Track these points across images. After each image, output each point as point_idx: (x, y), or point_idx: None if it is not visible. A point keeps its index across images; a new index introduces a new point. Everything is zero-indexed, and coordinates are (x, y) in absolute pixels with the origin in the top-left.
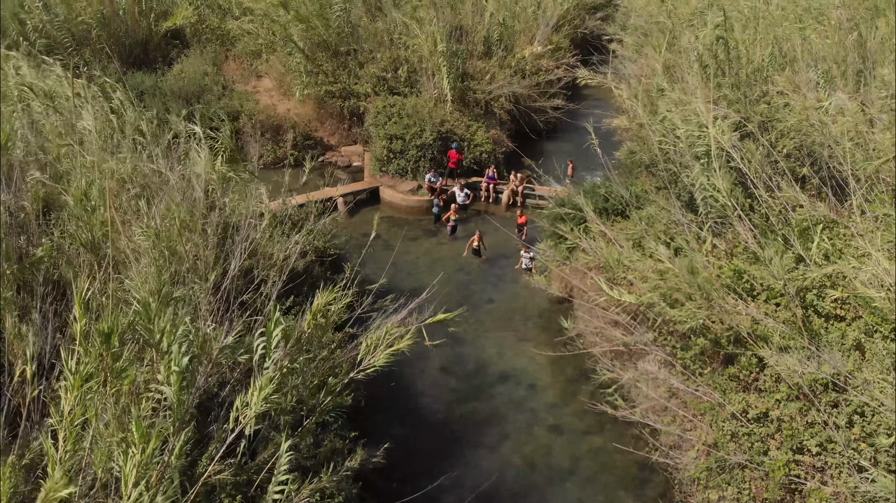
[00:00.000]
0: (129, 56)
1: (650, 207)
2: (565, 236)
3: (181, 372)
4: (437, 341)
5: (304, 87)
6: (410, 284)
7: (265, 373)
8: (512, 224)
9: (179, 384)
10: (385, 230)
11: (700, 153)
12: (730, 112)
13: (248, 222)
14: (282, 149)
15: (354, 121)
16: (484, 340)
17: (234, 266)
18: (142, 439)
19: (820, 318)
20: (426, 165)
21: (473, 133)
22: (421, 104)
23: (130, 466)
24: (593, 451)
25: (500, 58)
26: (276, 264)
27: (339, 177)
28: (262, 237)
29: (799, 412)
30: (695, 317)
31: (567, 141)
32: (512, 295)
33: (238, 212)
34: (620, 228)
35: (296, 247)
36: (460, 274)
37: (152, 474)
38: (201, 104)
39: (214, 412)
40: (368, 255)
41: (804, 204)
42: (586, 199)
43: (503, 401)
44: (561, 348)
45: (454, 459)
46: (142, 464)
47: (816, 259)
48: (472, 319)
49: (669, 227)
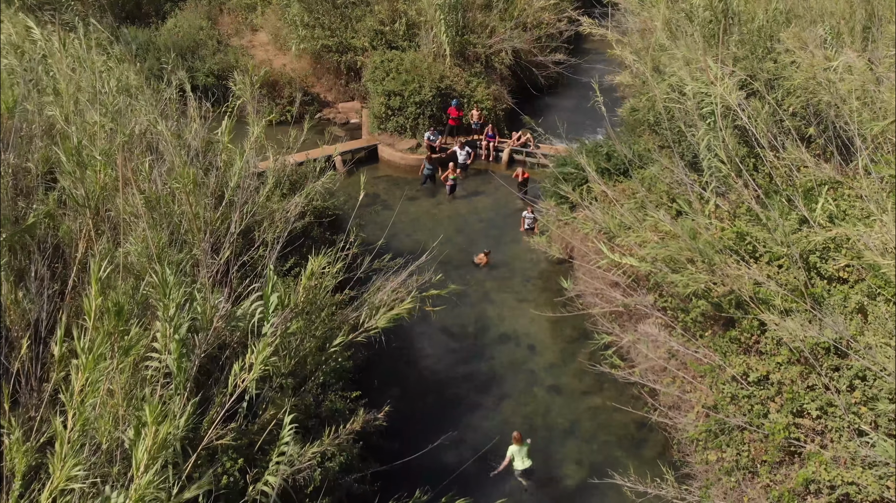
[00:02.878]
0: (121, 11)
1: (653, 167)
2: (567, 196)
3: (181, 340)
4: (437, 307)
5: (300, 40)
6: (410, 245)
7: (263, 339)
8: (513, 183)
9: (179, 352)
10: (384, 190)
11: (706, 113)
12: (736, 69)
13: (246, 183)
14: (278, 106)
15: (352, 76)
16: (484, 301)
17: (233, 228)
18: (154, 421)
19: (822, 281)
20: (425, 123)
21: (473, 89)
22: (419, 59)
23: (142, 450)
24: (592, 411)
25: (501, 10)
26: (276, 225)
27: (336, 134)
28: (261, 198)
29: (800, 376)
30: (696, 281)
31: (568, 97)
32: (512, 255)
33: (237, 172)
34: (623, 189)
35: (295, 209)
36: (460, 235)
37: (161, 454)
38: (196, 59)
39: (215, 375)
40: (367, 216)
41: (809, 164)
42: (588, 158)
43: (503, 361)
44: (560, 309)
45: (455, 420)
46: (154, 447)
47: (821, 220)
48: (471, 280)
49: (672, 188)
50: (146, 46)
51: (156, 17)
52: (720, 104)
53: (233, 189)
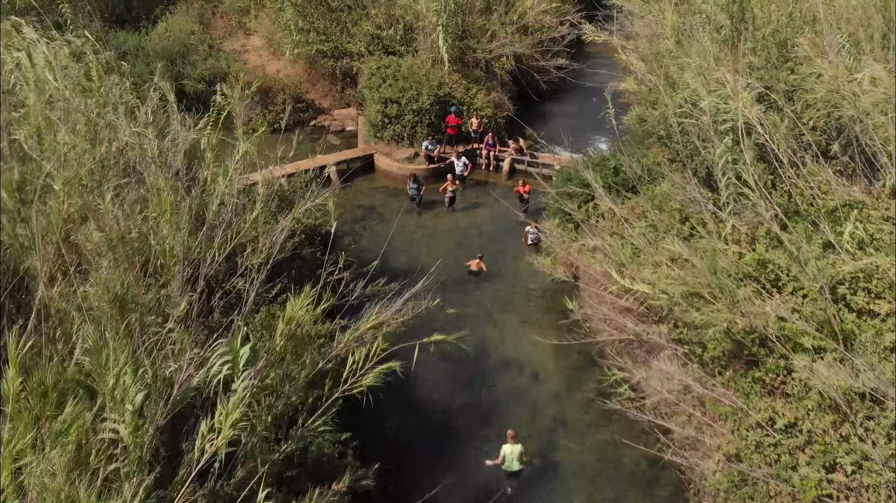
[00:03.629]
0: (111, 14)
1: (664, 183)
2: (571, 214)
3: (136, 411)
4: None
5: (294, 45)
6: (406, 262)
7: (233, 399)
8: (514, 194)
9: (134, 424)
10: (380, 202)
11: (725, 129)
12: (754, 81)
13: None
14: (271, 113)
15: (348, 82)
16: (484, 323)
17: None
18: None
19: (852, 313)
20: (423, 131)
21: (473, 96)
22: (417, 65)
23: None
24: (599, 445)
25: (501, 13)
26: (261, 251)
27: (332, 142)
28: (247, 222)
29: (832, 426)
30: (717, 320)
31: (571, 102)
32: (514, 272)
33: (219, 195)
34: (632, 207)
35: (282, 233)
36: (459, 250)
37: None
38: (187, 65)
39: (186, 427)
40: (363, 230)
41: (832, 183)
42: (595, 173)
43: (504, 389)
44: (566, 334)
45: (453, 458)
46: None
47: (848, 247)
48: (471, 300)
49: (685, 206)
50: (135, 51)
51: (146, 20)
52: (739, 119)
53: (214, 213)
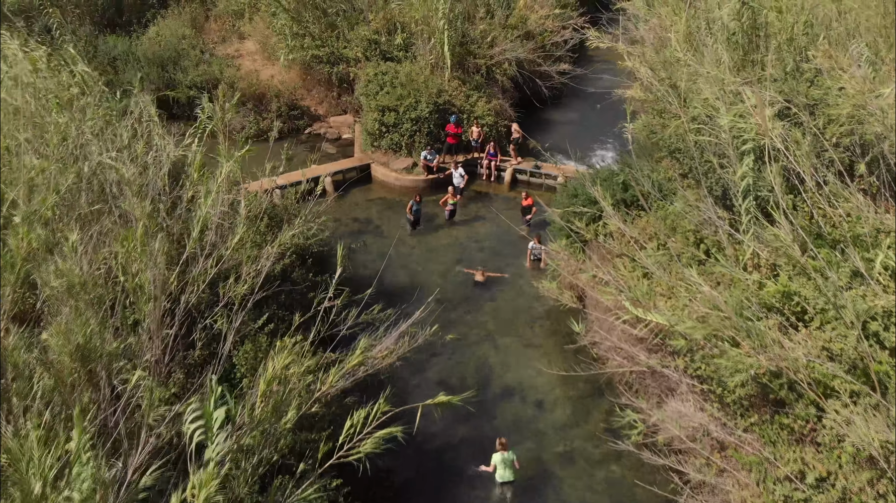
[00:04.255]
0: (101, 17)
1: (677, 202)
2: (578, 233)
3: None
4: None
5: (288, 51)
6: (404, 280)
7: (207, 470)
8: (516, 206)
9: None
10: (377, 214)
11: (746, 150)
12: (773, 93)
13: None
14: (265, 120)
15: (344, 88)
16: (486, 347)
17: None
18: None
19: (884, 351)
20: (422, 140)
21: (474, 104)
22: (416, 72)
23: None
24: (609, 484)
25: (503, 17)
26: (245, 281)
27: (327, 151)
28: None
29: (868, 483)
30: (744, 366)
31: (573, 108)
32: (517, 291)
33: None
34: (643, 227)
35: (268, 259)
36: (459, 266)
37: None
38: (178, 71)
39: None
40: (359, 247)
41: (859, 204)
42: (603, 189)
43: (507, 420)
44: (572, 363)
45: (453, 499)
46: None
47: (880, 278)
48: (472, 321)
49: (700, 227)
50: (125, 57)
51: (137, 24)
52: (756, 136)
53: (195, 241)
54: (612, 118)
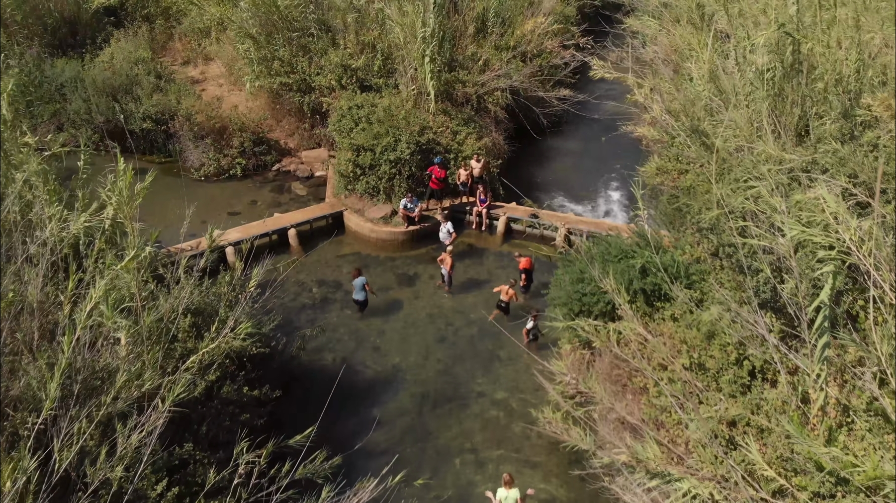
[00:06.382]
0: (53, 38)
1: (712, 308)
2: (585, 333)
3: None
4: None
5: (254, 77)
6: (375, 366)
7: None
8: (510, 263)
9: None
10: (347, 276)
11: (825, 272)
12: (848, 185)
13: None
14: (226, 157)
15: (318, 119)
16: (472, 470)
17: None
18: None
19: None
20: (402, 185)
21: (462, 141)
22: (396, 105)
23: None
24: None
25: (497, 36)
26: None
27: (296, 192)
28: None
29: None
30: None
31: (574, 138)
32: (510, 384)
33: (62, 369)
34: (669, 334)
35: (176, 388)
36: (442, 347)
37: None
38: (130, 100)
39: None
40: (316, 330)
41: None
42: (616, 279)
43: None
44: (582, 494)
45: None
46: None
47: None
48: (455, 427)
49: (743, 341)
50: (73, 84)
51: (92, 45)
52: (837, 255)
53: (51, 401)
54: (618, 150)
